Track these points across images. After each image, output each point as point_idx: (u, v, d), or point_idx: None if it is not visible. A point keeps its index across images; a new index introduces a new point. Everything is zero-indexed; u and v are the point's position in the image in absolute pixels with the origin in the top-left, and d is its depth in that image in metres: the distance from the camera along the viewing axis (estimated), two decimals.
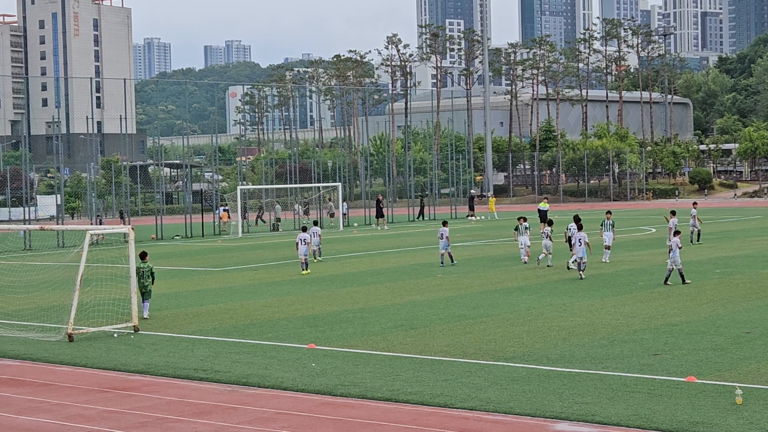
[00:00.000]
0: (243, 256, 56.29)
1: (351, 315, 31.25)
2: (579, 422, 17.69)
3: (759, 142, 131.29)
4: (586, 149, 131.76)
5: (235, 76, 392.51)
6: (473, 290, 36.72)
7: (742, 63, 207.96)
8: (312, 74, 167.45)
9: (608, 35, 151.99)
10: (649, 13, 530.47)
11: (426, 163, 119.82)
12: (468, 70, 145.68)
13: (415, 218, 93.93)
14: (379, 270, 45.82)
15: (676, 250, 36.32)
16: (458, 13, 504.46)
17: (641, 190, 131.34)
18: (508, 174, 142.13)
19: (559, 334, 26.41)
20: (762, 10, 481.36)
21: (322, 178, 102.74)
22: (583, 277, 39.11)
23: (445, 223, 48.11)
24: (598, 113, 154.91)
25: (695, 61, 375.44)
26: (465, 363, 22.98)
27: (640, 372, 21.37)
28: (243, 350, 25.64)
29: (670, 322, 27.91)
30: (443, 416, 18.45)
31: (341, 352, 24.86)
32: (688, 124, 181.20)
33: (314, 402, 19.96)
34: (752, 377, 20.52)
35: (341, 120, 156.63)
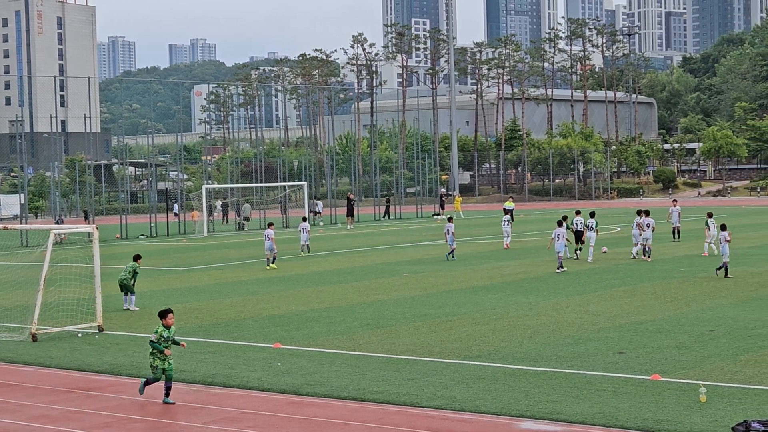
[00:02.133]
0: (208, 256, 56.11)
1: (317, 314, 31.21)
2: (544, 421, 17.73)
3: (722, 141, 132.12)
4: (552, 148, 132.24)
5: (200, 74, 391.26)
6: (439, 289, 36.76)
7: (706, 63, 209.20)
8: (278, 73, 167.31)
9: (573, 35, 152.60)
10: (613, 13, 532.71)
11: (392, 163, 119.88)
12: (434, 69, 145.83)
13: (381, 217, 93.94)
14: (345, 269, 45.79)
15: (725, 244, 37.30)
16: (424, 13, 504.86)
17: (606, 189, 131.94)
18: (474, 173, 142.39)
19: (524, 333, 26.48)
20: (725, 11, 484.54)
21: (288, 177, 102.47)
22: (559, 271, 40.86)
23: (451, 219, 50.21)
24: (563, 112, 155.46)
25: (659, 60, 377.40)
26: (431, 362, 22.99)
27: (605, 370, 21.44)
28: (208, 350, 25.56)
29: (634, 320, 28.03)
30: (409, 415, 18.45)
31: (307, 352, 24.82)
32: (653, 123, 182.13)
33: (280, 401, 19.92)
34: (716, 375, 20.64)
35: (307, 119, 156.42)
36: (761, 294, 32.75)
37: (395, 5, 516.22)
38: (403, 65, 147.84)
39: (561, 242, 42.08)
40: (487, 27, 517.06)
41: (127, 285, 33.31)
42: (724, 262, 37.43)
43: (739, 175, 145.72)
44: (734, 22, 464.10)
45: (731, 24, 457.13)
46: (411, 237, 67.23)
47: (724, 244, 37.36)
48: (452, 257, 48.24)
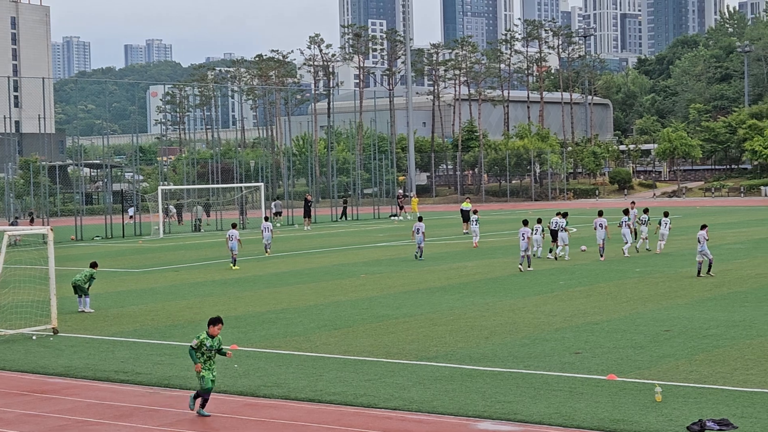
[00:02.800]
0: (164, 257, 55.87)
1: (274, 316, 31.14)
2: (501, 421, 17.78)
3: (677, 142, 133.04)
4: (508, 149, 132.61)
5: (155, 75, 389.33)
6: (396, 290, 36.78)
7: (661, 64, 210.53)
8: (234, 74, 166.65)
9: (529, 36, 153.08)
10: (569, 15, 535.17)
11: (349, 163, 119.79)
12: (390, 70, 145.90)
13: (338, 218, 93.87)
14: (302, 270, 45.73)
15: (704, 243, 37.59)
16: (380, 14, 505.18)
17: (562, 190, 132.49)
18: (431, 174, 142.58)
19: (481, 334, 26.54)
20: (680, 12, 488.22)
21: (245, 179, 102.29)
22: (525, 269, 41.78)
23: (421, 219, 50.85)
24: (520, 114, 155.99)
25: (615, 62, 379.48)
26: (388, 363, 23.00)
27: (561, 370, 21.53)
28: (165, 352, 25.44)
29: (590, 320, 28.17)
30: (367, 416, 18.45)
31: (264, 353, 24.76)
32: (608, 124, 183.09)
33: (237, 403, 19.86)
34: (671, 375, 20.78)
35: (264, 120, 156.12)
36: (716, 294, 33.01)
37: (352, 6, 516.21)
38: (359, 66, 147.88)
39: (525, 241, 42.58)
40: (444, 28, 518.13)
41: (81, 287, 33.08)
42: (710, 260, 37.87)
43: (693, 176, 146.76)
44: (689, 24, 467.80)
45: (686, 26, 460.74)
46: (368, 238, 67.24)
47: (703, 244, 37.64)
48: (420, 257, 48.62)
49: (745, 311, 29.06)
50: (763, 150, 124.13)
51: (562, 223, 47.59)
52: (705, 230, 38.00)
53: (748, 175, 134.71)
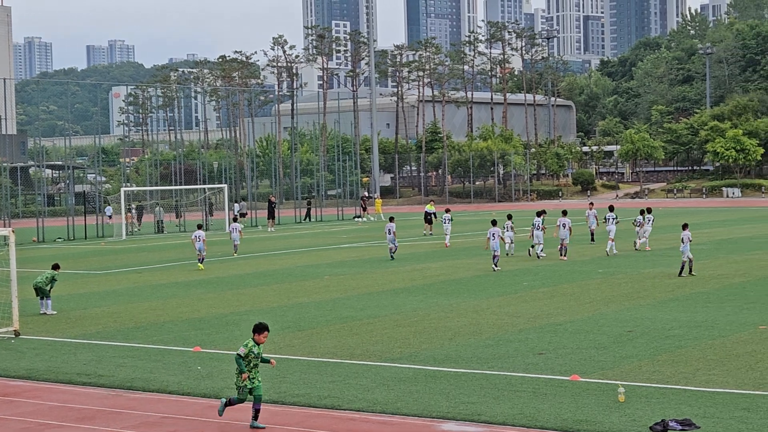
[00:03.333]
0: (127, 259, 55.62)
1: (237, 317, 31.04)
2: (465, 422, 17.79)
3: (640, 144, 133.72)
4: (472, 151, 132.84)
5: (118, 76, 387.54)
6: (360, 291, 36.76)
7: (624, 66, 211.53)
8: (197, 75, 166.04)
9: (493, 38, 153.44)
10: (532, 17, 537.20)
11: (313, 165, 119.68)
12: (354, 71, 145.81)
13: (302, 220, 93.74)
14: (266, 272, 45.63)
15: (687, 243, 37.94)
16: (344, 15, 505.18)
17: (525, 191, 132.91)
18: (395, 175, 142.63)
19: (445, 335, 26.55)
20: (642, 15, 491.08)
21: (208, 180, 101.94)
22: (496, 269, 42.14)
23: (392, 219, 51.43)
24: (483, 115, 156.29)
25: (578, 64, 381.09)
26: (352, 364, 22.97)
27: (525, 371, 21.57)
28: (127, 354, 25.31)
29: (554, 321, 28.24)
30: (331, 418, 18.42)
31: (227, 355, 24.65)
32: (571, 126, 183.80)
33: (200, 405, 19.78)
34: (634, 375, 20.86)
35: (227, 121, 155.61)
36: (678, 295, 33.18)
37: (315, 7, 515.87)
38: (323, 67, 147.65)
39: (496, 241, 43.18)
40: (408, 30, 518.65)
41: (43, 289, 32.86)
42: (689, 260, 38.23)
43: (656, 177, 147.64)
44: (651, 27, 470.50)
45: (648, 28, 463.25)
46: (332, 239, 67.20)
47: (686, 244, 37.94)
48: (392, 257, 49.21)
49: (708, 312, 29.22)
50: (725, 151, 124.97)
51: (538, 221, 48.17)
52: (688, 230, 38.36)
53: (709, 177, 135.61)
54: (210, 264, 49.31)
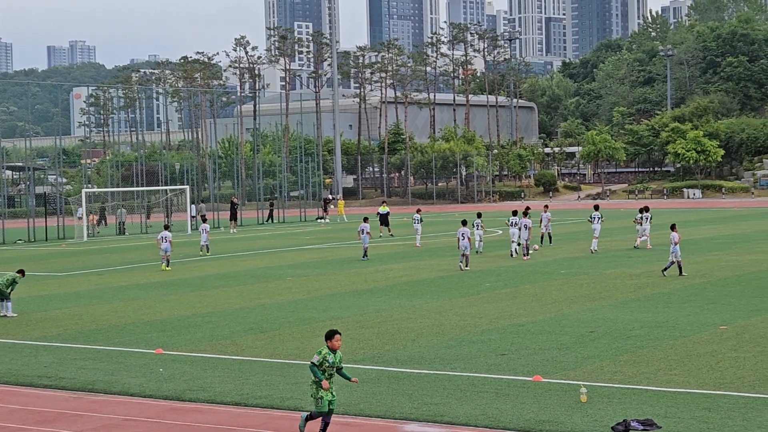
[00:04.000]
0: (88, 260, 55.32)
1: (199, 319, 30.93)
2: (428, 423, 17.79)
3: (601, 145, 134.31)
4: (434, 152, 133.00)
5: (79, 77, 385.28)
6: (323, 293, 36.72)
7: (585, 68, 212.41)
8: (159, 76, 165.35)
9: (455, 39, 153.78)
10: (494, 18, 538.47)
11: (275, 166, 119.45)
12: (317, 72, 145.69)
13: (265, 221, 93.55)
14: (228, 273, 45.50)
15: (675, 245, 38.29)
16: (307, 16, 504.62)
17: (488, 192, 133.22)
18: (358, 177, 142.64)
19: (408, 336, 26.56)
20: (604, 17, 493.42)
21: (170, 181, 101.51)
22: (464, 269, 42.61)
23: (366, 220, 51.97)
24: (446, 116, 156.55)
25: (540, 65, 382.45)
26: None
27: (487, 372, 21.60)
28: (89, 356, 25.15)
29: (516, 322, 28.31)
30: (293, 419, 18.37)
31: (189, 357, 24.58)
32: (533, 127, 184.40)
33: (162, 407, 19.68)
34: (596, 375, 20.93)
35: (189, 122, 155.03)
36: (639, 295, 33.33)
37: (278, 8, 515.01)
38: (286, 68, 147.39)
39: (465, 241, 43.55)
40: (370, 31, 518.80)
41: (3, 291, 32.62)
42: (677, 261, 38.50)
43: (617, 178, 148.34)
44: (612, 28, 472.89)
45: (609, 30, 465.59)
46: (294, 240, 67.10)
47: (674, 245, 38.38)
48: (365, 257, 49.72)
49: (669, 312, 29.37)
50: (686, 153, 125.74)
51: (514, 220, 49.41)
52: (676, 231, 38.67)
53: (670, 178, 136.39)
54: (172, 265, 49.11)
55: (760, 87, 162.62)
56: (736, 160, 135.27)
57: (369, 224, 51.66)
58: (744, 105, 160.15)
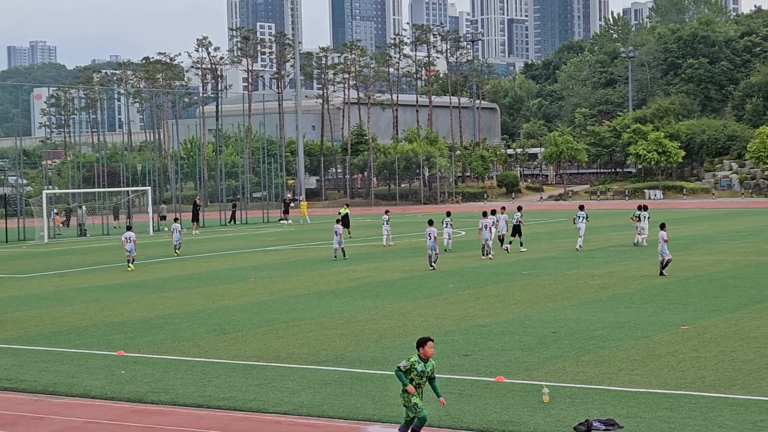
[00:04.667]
0: (49, 262, 54.98)
1: (161, 321, 30.80)
2: (392, 424, 17.78)
3: (564, 146, 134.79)
4: (397, 153, 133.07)
5: (40, 77, 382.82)
6: (286, 294, 36.66)
7: (547, 69, 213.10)
8: (120, 76, 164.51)
9: (418, 40, 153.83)
10: (457, 19, 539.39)
11: (238, 167, 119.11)
12: (279, 73, 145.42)
13: (227, 222, 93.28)
14: (191, 275, 45.34)
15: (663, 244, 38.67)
16: (269, 17, 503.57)
17: (451, 193, 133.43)
18: (321, 178, 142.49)
19: (371, 337, 26.55)
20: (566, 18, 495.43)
21: (132, 182, 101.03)
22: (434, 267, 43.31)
23: (339, 222, 52.81)
24: (409, 117, 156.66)
25: (502, 66, 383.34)
26: (278, 367, 22.89)
27: (450, 372, 21.62)
28: (49, 358, 24.99)
29: (479, 323, 28.36)
30: (256, 421, 18.33)
31: (151, 359, 24.47)
32: (496, 128, 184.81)
33: (124, 410, 19.58)
34: (558, 376, 21.00)
35: (151, 123, 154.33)
36: (602, 296, 33.48)
37: (240, 9, 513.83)
38: (248, 69, 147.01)
39: (432, 241, 44.01)
40: (333, 32, 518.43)
41: None
42: (662, 260, 38.83)
43: (579, 179, 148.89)
44: (574, 30, 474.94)
45: (571, 31, 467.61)
46: (257, 242, 66.95)
47: (662, 244, 38.68)
48: (341, 256, 50.46)
49: (630, 312, 29.51)
50: (647, 154, 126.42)
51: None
52: (665, 230, 38.91)
53: (632, 179, 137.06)
54: (134, 266, 48.90)
55: (721, 89, 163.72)
56: (696, 161, 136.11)
57: (341, 226, 52.36)
58: (705, 106, 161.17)
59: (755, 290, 33.57)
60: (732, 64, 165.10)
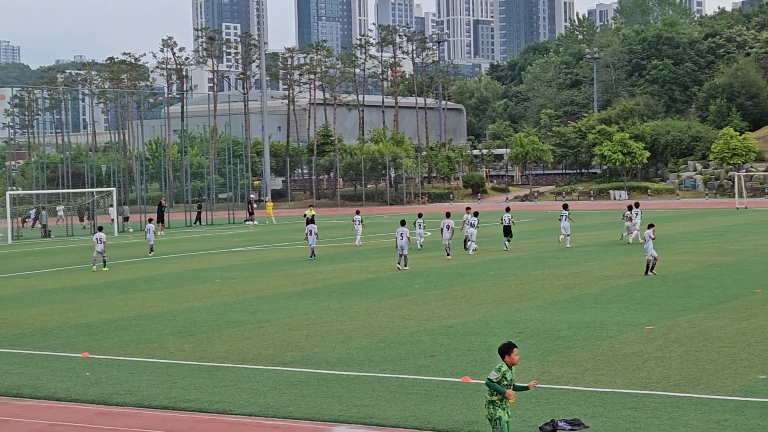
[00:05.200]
0: (12, 264, 54.64)
1: (126, 322, 30.66)
2: (358, 425, 17.77)
3: (529, 147, 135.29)
4: (363, 154, 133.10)
5: (3, 77, 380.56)
6: (252, 295, 36.57)
7: (513, 70, 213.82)
8: (85, 77, 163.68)
9: (384, 41, 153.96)
10: (423, 20, 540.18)
11: (203, 168, 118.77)
12: (245, 74, 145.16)
13: (193, 223, 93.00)
14: (156, 276, 45.16)
15: (649, 242, 38.89)
16: (235, 17, 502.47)
17: (417, 194, 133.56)
18: (286, 178, 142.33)
19: (337, 338, 26.53)
20: (531, 19, 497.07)
21: (96, 183, 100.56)
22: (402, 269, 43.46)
23: (313, 221, 53.59)
24: (375, 118, 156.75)
25: (468, 67, 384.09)
26: (244, 368, 22.83)
27: (417, 373, 21.63)
28: (13, 361, 24.82)
29: (445, 323, 28.38)
30: (222, 423, 18.28)
31: (117, 361, 24.36)
32: (462, 129, 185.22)
33: (89, 412, 19.47)
34: (524, 376, 21.02)
35: (116, 123, 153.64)
36: (567, 296, 33.58)
37: (205, 9, 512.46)
38: (213, 70, 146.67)
39: (404, 241, 44.13)
40: (299, 32, 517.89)
41: None
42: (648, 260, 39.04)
43: (545, 180, 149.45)
44: (540, 31, 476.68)
45: (537, 33, 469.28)
46: (223, 243, 66.78)
47: (648, 242, 38.93)
48: (313, 257, 50.70)
49: (596, 312, 29.62)
50: (612, 155, 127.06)
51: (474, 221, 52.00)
52: (652, 229, 39.14)
53: (597, 180, 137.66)
54: (98, 267, 48.67)
55: (685, 90, 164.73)
56: (661, 161, 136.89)
57: (316, 225, 52.61)
58: (669, 107, 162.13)
59: (719, 290, 33.77)
60: (696, 65, 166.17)
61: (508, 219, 53.75)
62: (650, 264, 39.01)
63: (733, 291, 33.49)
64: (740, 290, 33.63)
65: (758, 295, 32.25)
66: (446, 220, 49.70)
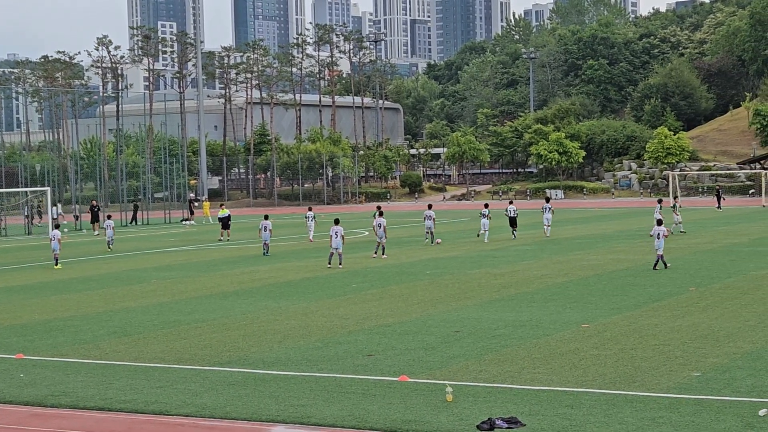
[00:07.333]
0: None
1: (61, 323, 30.37)
2: (295, 424, 17.74)
3: (466, 146, 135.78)
4: (300, 153, 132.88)
5: None
6: (188, 295, 36.39)
7: (450, 70, 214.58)
8: (18, 75, 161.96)
9: (321, 40, 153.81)
10: (360, 20, 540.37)
11: (139, 167, 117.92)
12: (181, 73, 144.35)
13: (128, 223, 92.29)
14: (91, 276, 44.79)
15: (662, 239, 39.61)
16: (170, 16, 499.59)
17: (354, 193, 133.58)
18: (223, 178, 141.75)
19: (274, 338, 26.47)
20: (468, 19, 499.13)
21: (30, 183, 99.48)
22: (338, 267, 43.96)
23: (267, 217, 53.57)
24: (312, 117, 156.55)
25: (405, 67, 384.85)
26: (180, 369, 22.70)
27: (354, 373, 21.64)
28: None
29: (383, 323, 28.41)
30: (158, 424, 18.16)
31: (51, 362, 24.11)
32: (399, 128, 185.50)
33: (23, 413, 19.27)
34: (461, 375, 21.11)
35: (50, 122, 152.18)
36: (503, 295, 33.74)
37: (141, 8, 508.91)
38: (149, 68, 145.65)
39: (338, 239, 44.28)
40: (235, 31, 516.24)
41: None
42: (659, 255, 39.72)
43: (482, 179, 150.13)
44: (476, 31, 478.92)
45: (473, 32, 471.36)
46: (159, 243, 66.38)
47: (661, 239, 39.60)
48: (267, 253, 51.62)
49: (532, 311, 29.79)
50: (548, 154, 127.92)
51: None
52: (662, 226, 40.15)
53: (534, 179, 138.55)
54: (33, 269, 48.22)
55: (620, 90, 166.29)
56: (597, 161, 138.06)
57: (270, 222, 52.91)
58: (604, 107, 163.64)
59: (654, 288, 34.11)
60: (631, 65, 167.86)
61: (513, 210, 58.91)
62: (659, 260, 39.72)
63: (668, 289, 33.84)
64: (675, 288, 33.99)
65: (692, 293, 32.62)
66: (379, 218, 49.89)
